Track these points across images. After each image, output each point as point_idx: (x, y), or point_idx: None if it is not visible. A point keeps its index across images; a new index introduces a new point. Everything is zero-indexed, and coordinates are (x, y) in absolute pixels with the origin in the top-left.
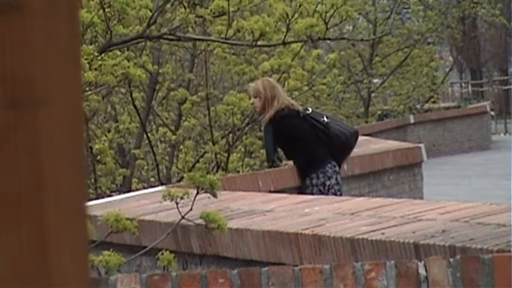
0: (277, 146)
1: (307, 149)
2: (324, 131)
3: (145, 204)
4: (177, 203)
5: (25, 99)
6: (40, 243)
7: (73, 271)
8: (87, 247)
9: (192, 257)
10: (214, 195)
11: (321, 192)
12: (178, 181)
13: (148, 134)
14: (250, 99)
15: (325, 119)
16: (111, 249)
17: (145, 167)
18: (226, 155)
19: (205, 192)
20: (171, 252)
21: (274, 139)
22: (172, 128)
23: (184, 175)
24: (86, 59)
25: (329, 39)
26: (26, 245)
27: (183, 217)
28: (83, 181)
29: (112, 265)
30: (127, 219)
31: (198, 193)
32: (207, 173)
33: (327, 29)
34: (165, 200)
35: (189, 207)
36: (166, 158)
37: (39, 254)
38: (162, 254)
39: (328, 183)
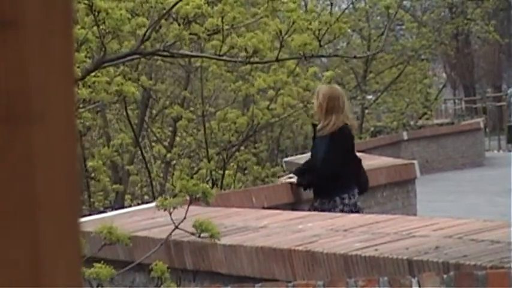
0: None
1: (348, 170)
2: (359, 162)
3: (138, 220)
4: (170, 213)
5: (20, 114)
6: (34, 258)
7: (67, 286)
8: (80, 262)
9: (186, 273)
10: (207, 204)
11: (352, 212)
12: (173, 197)
13: (143, 150)
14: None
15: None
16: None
17: (139, 184)
18: (221, 171)
19: (198, 200)
20: None
21: (330, 150)
22: (167, 144)
23: (177, 184)
24: (78, 67)
25: (322, 56)
26: (20, 260)
27: (176, 227)
28: (77, 196)
29: (103, 277)
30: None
31: (191, 202)
32: None
33: (320, 46)
34: (158, 209)
35: (183, 222)
36: (161, 174)
37: (34, 269)
38: (156, 265)
39: (358, 204)
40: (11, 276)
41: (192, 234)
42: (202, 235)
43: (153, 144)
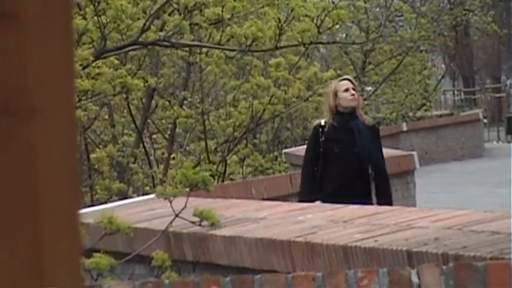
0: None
1: None
2: None
3: (138, 211)
4: (170, 202)
5: (19, 108)
6: (34, 254)
7: (67, 283)
8: (81, 258)
9: (185, 265)
10: (208, 191)
11: None
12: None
13: (144, 142)
14: (347, 90)
15: None
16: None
17: (140, 175)
18: (222, 165)
19: (198, 189)
20: None
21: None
22: (167, 136)
23: (178, 173)
24: (80, 64)
25: (321, 43)
26: (20, 257)
27: (177, 215)
28: (77, 190)
29: (103, 266)
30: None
31: (191, 190)
32: None
33: (319, 33)
34: (158, 198)
35: (184, 212)
36: (162, 166)
37: (34, 265)
38: (157, 253)
39: None
40: (11, 272)
41: (193, 223)
42: (202, 223)
43: (154, 136)
